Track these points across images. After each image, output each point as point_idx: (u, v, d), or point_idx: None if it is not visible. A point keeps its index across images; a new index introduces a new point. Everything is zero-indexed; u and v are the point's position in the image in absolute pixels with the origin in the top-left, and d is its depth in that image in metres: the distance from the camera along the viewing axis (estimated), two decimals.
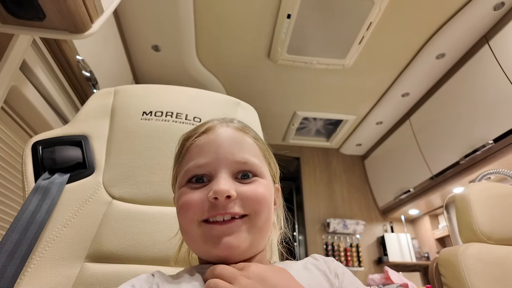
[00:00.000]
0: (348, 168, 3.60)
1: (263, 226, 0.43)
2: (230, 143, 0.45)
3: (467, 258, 0.89)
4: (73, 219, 0.64)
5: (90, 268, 0.60)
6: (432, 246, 3.07)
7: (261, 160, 0.47)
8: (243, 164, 0.44)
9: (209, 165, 0.43)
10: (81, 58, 1.32)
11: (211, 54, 2.31)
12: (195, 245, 0.44)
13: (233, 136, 0.46)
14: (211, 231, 0.40)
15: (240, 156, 0.44)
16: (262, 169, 0.46)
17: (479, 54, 2.05)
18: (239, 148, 0.45)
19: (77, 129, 0.75)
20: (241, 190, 0.42)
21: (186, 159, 0.46)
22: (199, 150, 0.45)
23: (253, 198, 0.42)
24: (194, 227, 0.41)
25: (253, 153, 0.46)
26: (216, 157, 0.43)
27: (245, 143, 0.46)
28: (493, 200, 1.01)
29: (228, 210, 0.40)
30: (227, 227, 0.40)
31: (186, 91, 0.85)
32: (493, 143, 1.96)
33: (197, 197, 0.42)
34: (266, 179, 0.46)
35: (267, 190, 0.45)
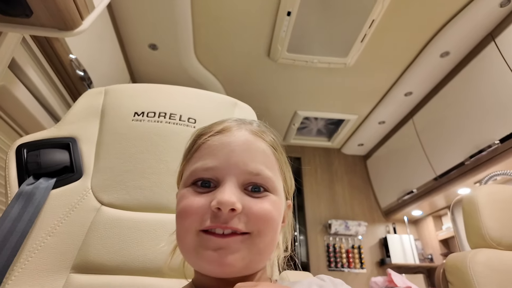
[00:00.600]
0: (349, 168, 3.56)
1: (265, 248, 0.39)
2: (245, 149, 0.41)
3: (476, 265, 0.85)
4: (58, 227, 0.60)
5: (77, 279, 0.56)
6: (435, 247, 3.03)
7: (275, 174, 0.43)
8: (255, 175, 0.39)
9: (217, 169, 0.39)
10: (74, 57, 1.28)
11: (209, 52, 2.27)
12: (188, 255, 0.40)
13: (250, 142, 0.42)
14: (208, 242, 0.36)
15: (253, 166, 0.40)
16: (275, 184, 0.41)
17: (484, 52, 2.01)
18: (254, 157, 0.41)
19: (64, 131, 0.71)
20: (248, 205, 0.38)
21: (195, 158, 0.43)
22: (210, 151, 0.41)
23: (260, 216, 0.38)
24: (190, 236, 0.38)
25: (268, 164, 0.42)
26: (227, 162, 0.39)
27: (262, 152, 0.42)
28: (502, 203, 0.97)
29: (230, 225, 0.36)
30: (225, 242, 0.36)
31: (180, 91, 0.81)
32: (499, 143, 1.91)
33: (198, 203, 0.38)
34: (278, 195, 0.42)
35: (276, 209, 0.40)
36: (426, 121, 2.62)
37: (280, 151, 0.46)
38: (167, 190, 0.66)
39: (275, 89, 2.65)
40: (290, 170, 0.49)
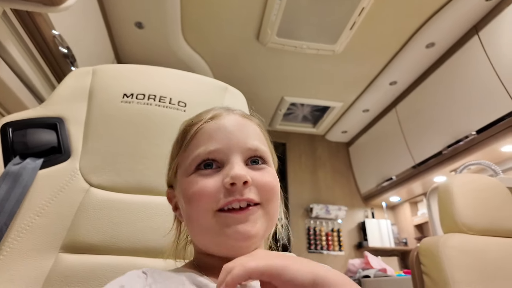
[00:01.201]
0: (333, 154, 3.64)
1: (274, 214, 0.43)
2: (240, 129, 0.44)
3: (448, 249, 0.90)
4: (46, 207, 0.60)
5: (66, 259, 0.56)
6: (410, 232, 3.17)
7: (267, 148, 0.47)
8: (254, 151, 0.43)
9: (221, 151, 0.41)
10: (58, 33, 1.23)
11: (197, 33, 2.22)
12: (205, 237, 0.41)
13: (242, 123, 0.45)
14: (227, 220, 0.38)
15: (251, 143, 0.43)
16: (269, 157, 0.46)
17: (468, 45, 2.06)
18: (249, 135, 0.44)
19: (51, 111, 0.70)
20: (255, 177, 0.40)
21: (193, 146, 0.44)
22: (209, 136, 0.43)
23: (266, 185, 0.41)
24: (208, 217, 0.39)
25: (261, 141, 0.46)
26: (228, 142, 0.42)
27: (254, 131, 0.46)
28: (475, 192, 1.03)
29: (245, 196, 0.39)
30: (244, 215, 0.38)
31: (170, 73, 0.80)
32: (475, 134, 2.00)
33: (210, 184, 0.39)
34: (273, 168, 0.46)
35: (276, 180, 0.44)
36: (409, 111, 2.68)
37: (265, 130, 0.50)
38: (157, 172, 0.66)
39: (263, 73, 2.63)
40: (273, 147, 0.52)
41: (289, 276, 0.29)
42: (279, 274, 0.29)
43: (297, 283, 0.29)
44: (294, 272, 0.29)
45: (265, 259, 0.31)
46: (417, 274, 0.98)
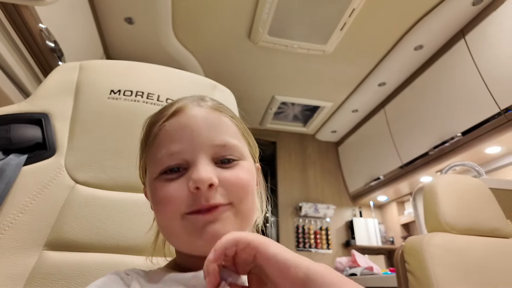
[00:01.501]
0: (322, 154, 3.66)
1: (249, 212, 0.41)
2: (206, 125, 0.40)
3: (431, 247, 0.92)
4: (30, 204, 0.59)
5: (50, 256, 0.56)
6: (397, 231, 3.22)
7: (240, 141, 0.43)
8: (222, 147, 0.40)
9: (183, 152, 0.39)
10: (45, 27, 1.21)
11: (188, 30, 2.21)
12: (178, 240, 0.40)
13: (208, 117, 0.42)
14: (196, 222, 0.37)
15: (218, 138, 0.40)
16: (242, 150, 0.42)
17: (455, 48, 2.10)
18: (216, 130, 0.41)
19: (36, 106, 0.69)
20: (223, 177, 0.38)
21: (155, 147, 0.41)
22: (170, 136, 0.40)
23: (236, 184, 0.39)
24: (177, 222, 0.38)
25: (231, 134, 0.42)
26: (191, 142, 0.39)
27: (222, 123, 0.42)
28: (458, 192, 1.05)
29: (211, 201, 0.37)
30: (212, 216, 0.37)
31: (159, 70, 0.80)
32: (461, 136, 2.04)
33: (175, 189, 0.38)
34: (248, 160, 0.43)
35: (249, 174, 0.41)
36: (397, 112, 2.72)
37: (239, 120, 0.47)
38: None
39: (254, 72, 2.63)
40: (252, 135, 0.49)
41: (272, 251, 0.30)
42: (263, 249, 0.30)
43: (280, 259, 0.29)
44: (278, 249, 0.30)
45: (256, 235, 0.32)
46: (401, 272, 1.00)
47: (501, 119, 1.79)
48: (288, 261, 0.29)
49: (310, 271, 0.28)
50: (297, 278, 0.28)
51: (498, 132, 1.83)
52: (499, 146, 2.03)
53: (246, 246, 0.30)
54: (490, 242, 0.97)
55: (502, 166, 2.18)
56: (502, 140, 1.91)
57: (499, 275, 0.90)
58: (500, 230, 1.01)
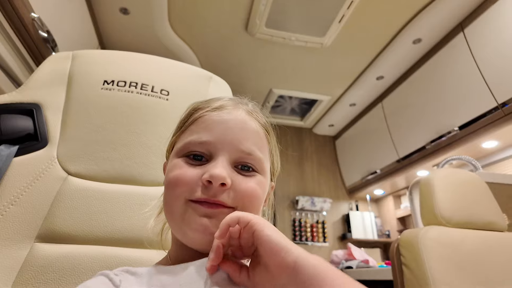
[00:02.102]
0: (319, 148, 3.66)
1: None
2: (240, 128, 0.42)
3: (427, 240, 0.92)
4: (22, 196, 0.58)
5: (41, 249, 0.55)
6: (393, 224, 3.24)
7: (265, 155, 0.44)
8: (247, 155, 0.41)
9: (211, 144, 0.40)
10: (37, 16, 1.18)
11: (184, 21, 2.18)
12: (174, 222, 0.41)
13: (245, 121, 0.43)
14: (196, 209, 0.38)
15: (247, 146, 0.41)
16: (264, 165, 0.43)
17: (453, 42, 2.08)
18: (248, 137, 0.42)
19: (28, 96, 0.68)
20: (236, 181, 0.39)
21: (190, 130, 0.43)
22: (207, 125, 0.42)
23: (246, 193, 0.40)
24: (179, 204, 0.39)
25: (260, 146, 0.43)
26: (222, 138, 0.41)
27: (255, 132, 0.44)
28: (454, 186, 1.05)
29: (218, 198, 0.38)
30: (211, 211, 0.38)
31: (153, 60, 0.79)
32: (458, 130, 2.04)
33: (190, 174, 0.39)
34: (265, 176, 0.44)
35: (262, 189, 0.42)
36: (394, 106, 2.72)
37: (272, 135, 0.49)
38: (138, 162, 0.65)
39: (251, 64, 2.61)
40: (278, 154, 0.51)
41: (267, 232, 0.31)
42: (260, 229, 0.32)
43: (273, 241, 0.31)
44: (273, 231, 0.32)
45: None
46: (397, 265, 1.00)
47: (498, 114, 1.78)
48: (280, 244, 0.30)
49: (300, 259, 0.29)
50: (285, 263, 0.29)
51: (495, 126, 1.83)
52: (496, 141, 2.04)
53: (247, 224, 0.33)
54: (485, 235, 0.98)
55: (498, 160, 2.18)
56: (499, 134, 1.91)
57: (493, 268, 0.91)
58: (495, 223, 1.02)
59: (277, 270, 0.30)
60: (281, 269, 0.30)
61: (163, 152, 0.52)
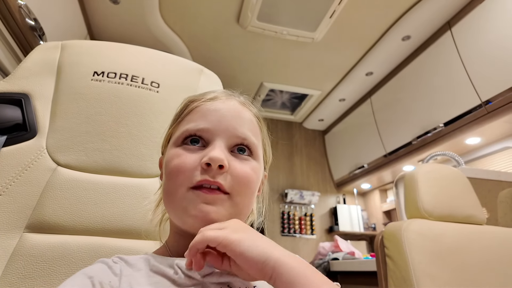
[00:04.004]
0: (309, 142, 3.70)
1: (243, 208, 0.43)
2: (234, 116, 0.44)
3: (409, 233, 0.95)
4: (10, 186, 0.58)
5: (31, 239, 0.55)
6: (379, 218, 3.31)
7: (259, 142, 0.47)
8: (243, 139, 0.43)
9: (208, 130, 0.42)
10: (24, 3, 1.15)
11: (175, 11, 2.15)
12: (175, 210, 0.42)
13: (239, 109, 0.46)
14: (196, 196, 0.39)
15: (241, 131, 0.43)
16: (258, 151, 0.45)
17: (441, 40, 2.12)
18: (242, 123, 0.44)
19: (16, 86, 0.67)
20: (233, 165, 0.41)
21: (187, 120, 0.45)
22: (203, 114, 0.44)
23: (242, 177, 0.41)
24: (182, 192, 0.40)
25: (254, 132, 0.46)
26: (218, 124, 0.43)
27: (249, 120, 0.46)
28: (437, 181, 1.08)
29: (217, 179, 0.39)
30: (212, 197, 0.39)
31: (144, 52, 0.78)
32: (443, 126, 2.09)
33: (190, 160, 0.40)
34: (259, 162, 0.46)
35: (256, 174, 0.44)
36: (383, 101, 2.76)
37: (263, 124, 0.51)
38: (127, 154, 0.65)
39: (242, 57, 2.60)
40: (270, 144, 0.53)
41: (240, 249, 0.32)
42: (232, 248, 0.32)
43: (248, 257, 0.31)
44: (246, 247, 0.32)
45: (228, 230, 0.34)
46: (381, 256, 1.03)
47: (481, 111, 1.84)
48: (256, 257, 0.31)
49: (278, 265, 0.31)
50: (264, 272, 0.31)
51: (478, 123, 1.89)
52: (478, 137, 2.10)
53: (217, 245, 0.33)
54: (464, 228, 1.01)
55: (480, 156, 2.25)
56: (481, 131, 1.97)
57: (472, 259, 0.94)
58: (475, 217, 1.05)
59: (257, 276, 0.32)
60: (260, 276, 0.32)
61: (153, 144, 0.53)
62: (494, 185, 1.47)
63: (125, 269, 0.39)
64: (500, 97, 1.72)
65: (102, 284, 0.35)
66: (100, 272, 0.37)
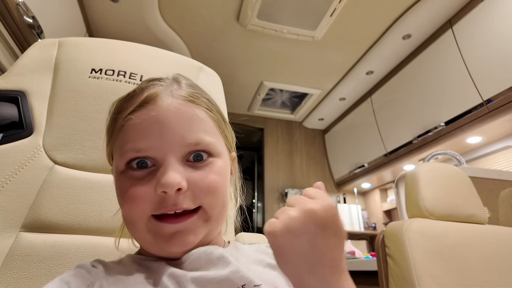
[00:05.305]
0: (309, 141, 3.69)
1: (219, 215, 0.40)
2: (177, 120, 0.37)
3: (410, 232, 0.95)
4: (6, 185, 0.57)
5: (27, 238, 0.54)
6: (379, 217, 3.30)
7: (216, 136, 0.41)
8: (195, 145, 0.37)
9: (152, 149, 0.36)
10: (22, 1, 1.15)
11: (175, 10, 2.14)
12: (143, 240, 0.38)
13: (181, 110, 0.38)
14: (163, 229, 0.35)
15: (191, 136, 0.37)
16: (217, 147, 0.40)
17: (442, 38, 2.11)
18: (190, 127, 0.38)
19: (12, 83, 0.66)
20: (192, 179, 0.36)
21: (121, 140, 0.38)
22: (138, 130, 0.37)
23: (206, 189, 0.37)
24: (143, 222, 0.36)
25: (206, 130, 0.39)
26: (161, 140, 0.36)
27: (197, 119, 0.39)
28: (438, 180, 1.08)
29: (179, 206, 0.35)
30: (181, 226, 0.35)
31: (142, 49, 0.77)
32: (444, 125, 2.08)
33: (142, 192, 0.35)
34: (222, 157, 0.41)
35: (223, 175, 0.40)
36: (383, 101, 2.75)
37: (216, 110, 0.43)
38: None
39: (242, 56, 2.59)
40: (229, 124, 0.47)
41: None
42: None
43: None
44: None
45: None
46: (381, 256, 1.03)
47: (483, 110, 1.83)
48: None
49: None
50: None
51: (479, 122, 1.88)
52: (479, 136, 2.09)
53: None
54: (466, 228, 1.01)
55: (482, 155, 2.24)
56: (482, 130, 1.96)
57: (474, 258, 0.94)
58: (476, 216, 1.05)
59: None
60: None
61: None
62: (496, 184, 1.46)
63: (102, 273, 0.37)
64: (502, 96, 1.71)
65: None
66: (77, 277, 0.35)
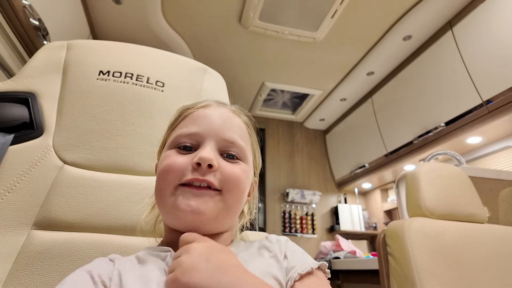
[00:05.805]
0: (310, 141, 3.70)
1: (233, 206, 0.44)
2: (223, 121, 0.47)
3: (411, 231, 0.96)
4: (18, 184, 0.59)
5: (38, 235, 0.56)
6: (380, 217, 3.31)
7: (248, 146, 0.49)
8: (231, 143, 0.45)
9: (199, 134, 0.45)
10: (28, 4, 1.16)
11: (178, 11, 2.16)
12: (165, 209, 0.43)
13: (227, 116, 0.48)
14: (184, 192, 0.41)
15: (229, 135, 0.46)
16: (246, 154, 0.47)
17: (442, 39, 2.13)
18: (230, 128, 0.47)
19: (23, 85, 0.68)
20: (222, 166, 0.43)
21: (180, 126, 0.48)
22: (194, 120, 0.47)
23: (231, 176, 0.43)
24: (170, 189, 0.42)
25: (242, 136, 0.48)
26: (207, 128, 0.45)
27: (237, 125, 0.48)
28: (439, 179, 1.09)
29: (206, 178, 0.41)
30: (200, 192, 0.41)
31: (149, 52, 0.79)
32: (444, 126, 2.09)
33: (181, 161, 0.43)
34: (248, 165, 0.48)
35: (245, 175, 0.46)
36: (384, 101, 2.76)
37: (253, 131, 0.53)
38: (133, 152, 0.66)
39: (244, 57, 2.61)
40: (259, 150, 0.55)
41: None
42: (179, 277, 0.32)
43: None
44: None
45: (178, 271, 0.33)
46: (383, 254, 1.04)
47: (482, 110, 1.84)
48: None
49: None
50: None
51: (479, 123, 1.89)
52: (479, 137, 2.10)
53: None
54: (466, 227, 1.02)
55: (482, 155, 2.25)
56: (482, 130, 1.97)
57: (474, 257, 0.95)
58: (476, 215, 1.06)
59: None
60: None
61: (158, 142, 0.54)
62: (495, 184, 1.47)
63: (119, 263, 0.41)
64: (501, 97, 1.73)
65: (100, 276, 0.37)
66: (98, 266, 0.39)
